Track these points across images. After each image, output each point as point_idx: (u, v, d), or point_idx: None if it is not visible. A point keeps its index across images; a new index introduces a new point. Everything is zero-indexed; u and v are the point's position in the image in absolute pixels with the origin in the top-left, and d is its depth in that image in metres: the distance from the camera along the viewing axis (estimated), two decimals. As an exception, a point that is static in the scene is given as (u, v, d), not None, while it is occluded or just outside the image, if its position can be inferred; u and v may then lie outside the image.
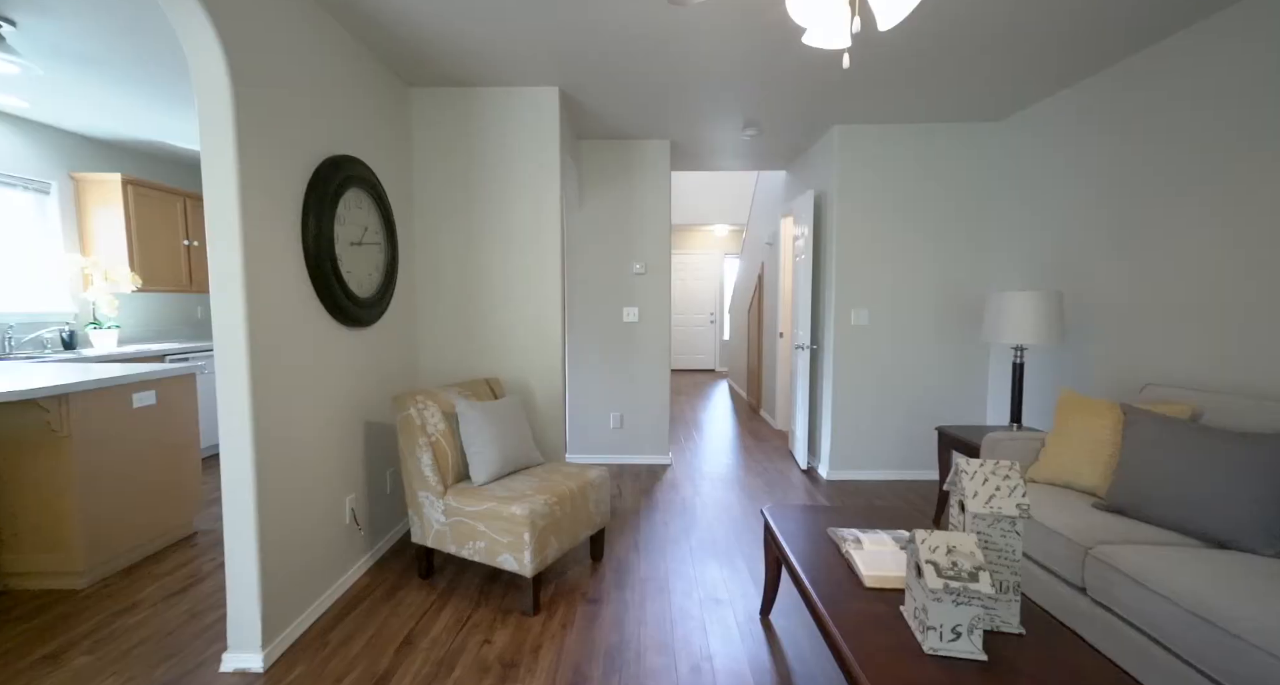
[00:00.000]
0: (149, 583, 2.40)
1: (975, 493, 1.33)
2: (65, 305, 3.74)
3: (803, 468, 4.10)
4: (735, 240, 9.71)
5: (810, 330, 4.07)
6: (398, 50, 2.55)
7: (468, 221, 3.02)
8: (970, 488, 1.34)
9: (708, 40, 2.47)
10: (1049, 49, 2.57)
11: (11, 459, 2.31)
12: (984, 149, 3.67)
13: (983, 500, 1.32)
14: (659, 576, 2.49)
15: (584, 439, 4.19)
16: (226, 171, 1.72)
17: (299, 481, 2.05)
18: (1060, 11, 2.25)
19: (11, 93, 3.11)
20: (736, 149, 4.26)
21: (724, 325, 9.84)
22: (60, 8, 2.22)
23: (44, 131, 3.64)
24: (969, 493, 1.34)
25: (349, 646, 1.97)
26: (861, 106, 3.32)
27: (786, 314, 5.21)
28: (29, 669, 1.86)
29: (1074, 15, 2.28)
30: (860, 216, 3.74)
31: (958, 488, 1.39)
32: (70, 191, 3.77)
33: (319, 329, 2.16)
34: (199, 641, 1.99)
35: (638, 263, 4.07)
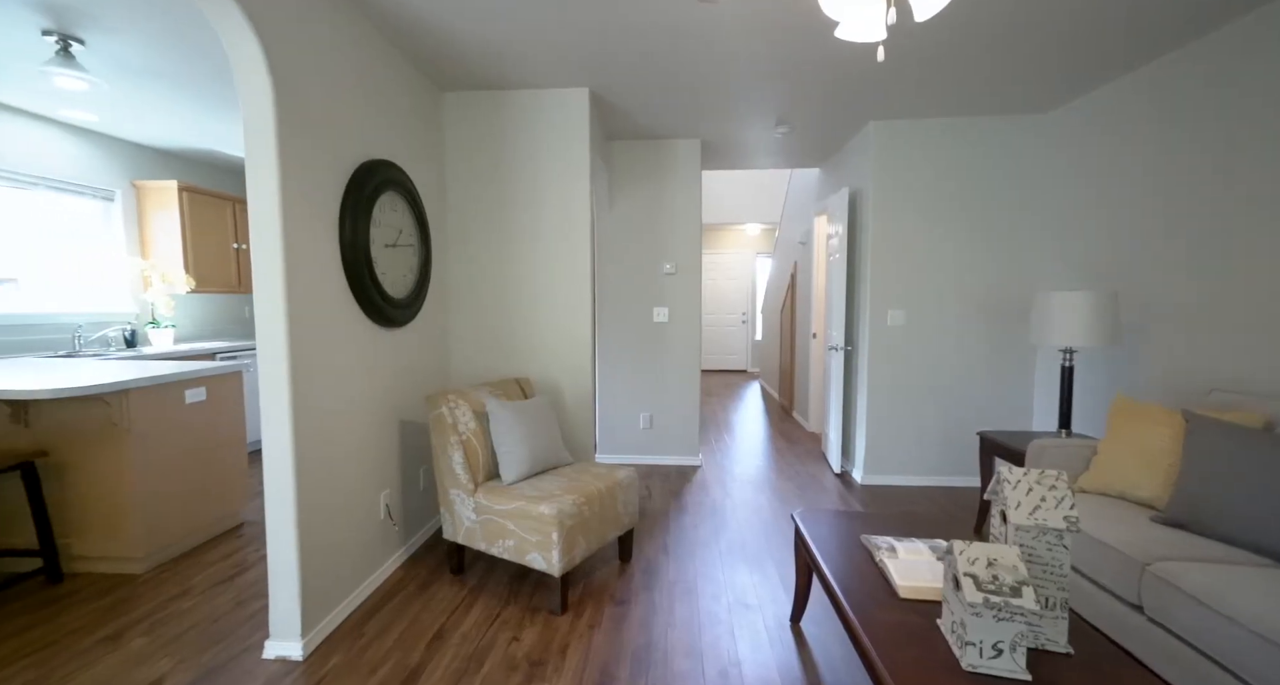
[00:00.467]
0: (199, 571, 2.51)
1: (1018, 503, 1.27)
2: (127, 306, 3.97)
3: (836, 472, 4.00)
4: (768, 239, 9.58)
5: (844, 331, 3.97)
6: (432, 56, 2.60)
7: (499, 223, 3.07)
8: (1013, 498, 1.28)
9: (738, 37, 2.43)
10: (1106, 33, 2.43)
11: (79, 451, 2.45)
12: (1028, 142, 3.51)
13: (1026, 511, 1.26)
14: (687, 579, 2.47)
15: (614, 439, 4.19)
16: (269, 177, 1.79)
17: (336, 477, 2.11)
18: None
19: (81, 107, 3.31)
20: (768, 147, 4.20)
21: (756, 325, 9.71)
22: (124, 26, 2.35)
23: (109, 142, 3.86)
24: (1011, 503, 1.27)
25: (383, 639, 2.01)
26: (898, 101, 3.22)
27: (820, 314, 5.10)
28: (92, 648, 1.97)
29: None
30: (897, 214, 3.63)
31: (999, 497, 1.32)
32: (132, 198, 4.00)
33: (355, 329, 2.22)
34: (244, 628, 2.08)
35: (668, 263, 4.05)
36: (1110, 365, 3.00)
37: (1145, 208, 2.76)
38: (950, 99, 3.19)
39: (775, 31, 2.38)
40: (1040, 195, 3.53)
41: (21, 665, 1.89)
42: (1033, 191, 3.54)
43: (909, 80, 2.91)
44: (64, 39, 2.45)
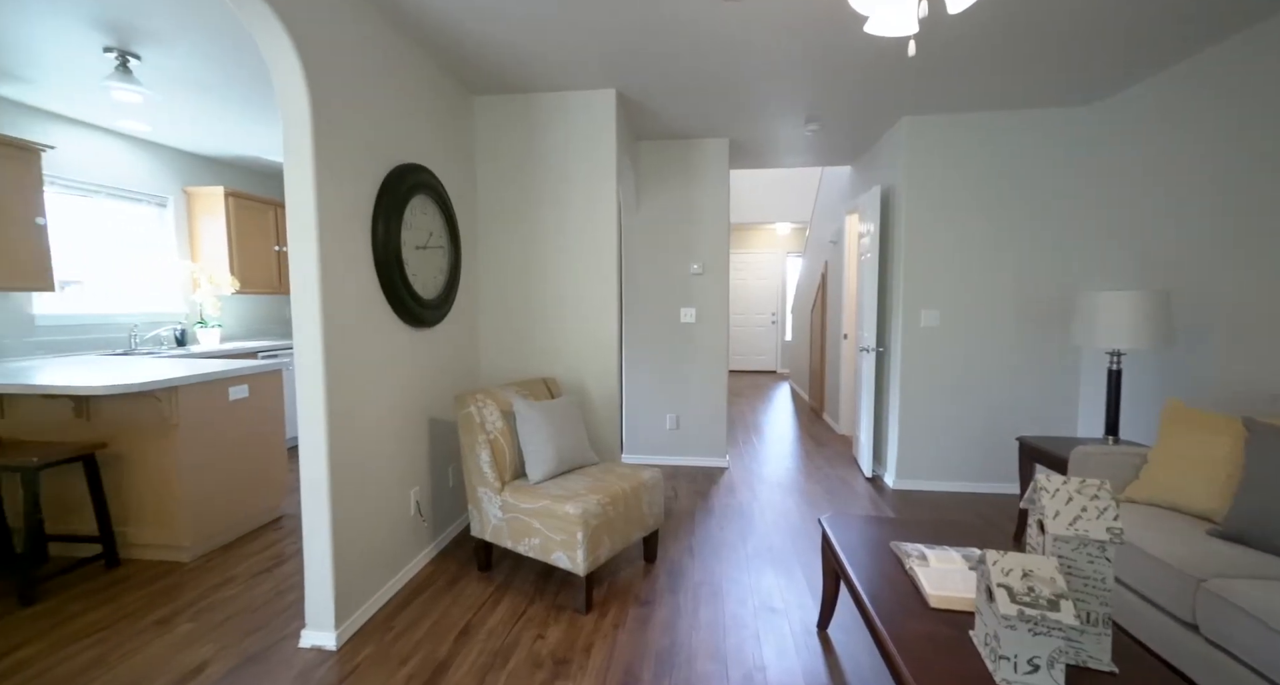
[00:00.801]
0: (241, 561, 2.62)
1: (1057, 513, 1.21)
2: (178, 306, 4.17)
3: (867, 476, 3.91)
4: (798, 239, 9.43)
5: (876, 332, 3.88)
6: (463, 61, 2.65)
7: (527, 224, 3.10)
8: (1051, 507, 1.22)
9: (766, 34, 2.40)
10: (1164, 15, 2.29)
11: (133, 444, 2.59)
12: (1070, 136, 3.36)
13: (1066, 521, 1.20)
14: (713, 581, 2.45)
15: (640, 439, 4.20)
16: (305, 183, 1.85)
17: (368, 473, 2.17)
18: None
19: (137, 119, 3.49)
20: (798, 145, 4.13)
21: (786, 326, 9.58)
22: (177, 41, 2.47)
23: (162, 151, 4.06)
24: (1049, 512, 1.22)
25: (412, 632, 2.06)
26: (932, 96, 3.13)
27: (851, 315, 5.00)
28: (145, 631, 2.08)
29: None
30: (931, 212, 3.53)
31: (1036, 506, 1.27)
32: (183, 204, 4.19)
33: (386, 329, 2.28)
34: (281, 618, 2.15)
35: (695, 263, 4.03)
36: (1162, 369, 2.84)
37: (1204, 202, 2.61)
38: (991, 91, 3.08)
39: (804, 26, 2.34)
40: (1086, 190, 3.38)
41: (85, 643, 2.00)
42: (1077, 187, 3.39)
43: (947, 72, 2.82)
44: (123, 55, 2.58)
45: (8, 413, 2.65)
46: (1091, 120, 3.32)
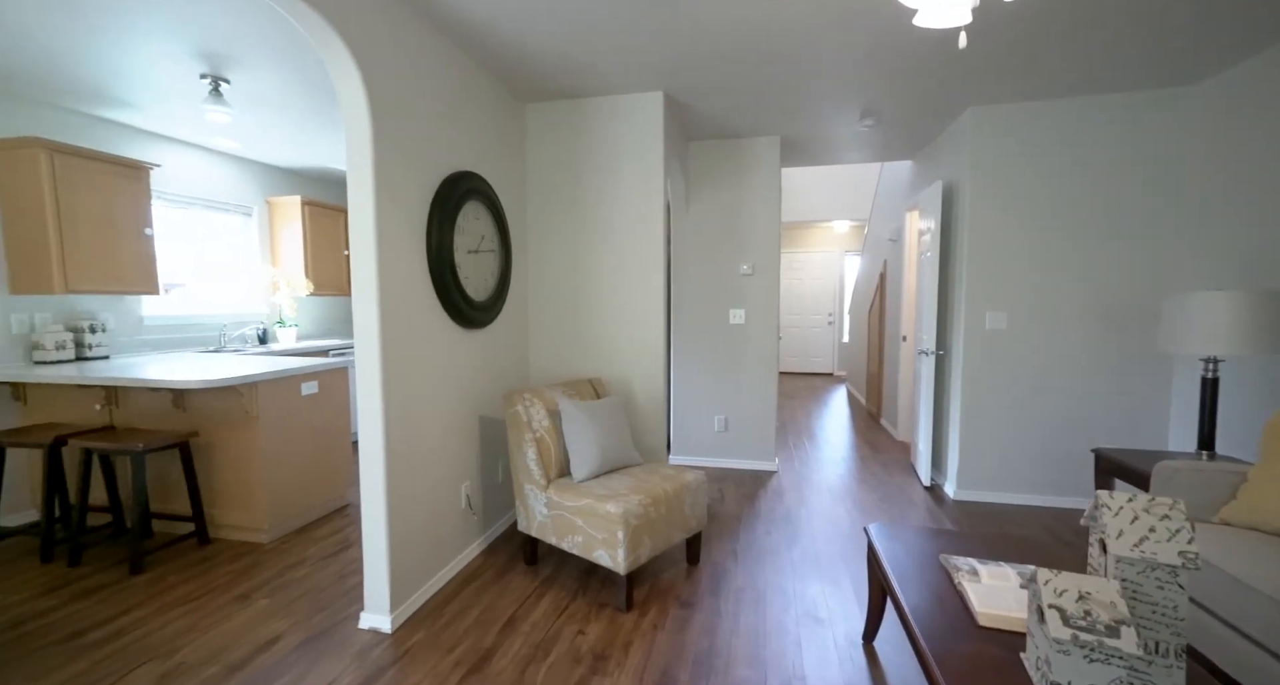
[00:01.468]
0: (311, 545, 2.82)
1: (1120, 532, 1.12)
2: (260, 307, 4.53)
3: (925, 485, 3.74)
4: (856, 237, 9.12)
5: (936, 334, 3.70)
6: (513, 71, 2.74)
7: (576, 227, 3.17)
8: (1114, 526, 1.14)
9: (816, 28, 2.35)
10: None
11: (220, 434, 2.84)
12: (1163, 121, 3.08)
13: (1130, 542, 1.11)
14: (756, 587, 2.41)
15: (688, 440, 4.19)
16: (365, 192, 1.97)
17: (422, 468, 2.29)
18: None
19: (228, 137, 3.82)
20: (853, 141, 4.00)
21: (843, 327, 9.28)
22: (261, 66, 2.69)
23: (249, 165, 4.43)
24: (1111, 532, 1.13)
25: (460, 620, 2.15)
26: (1000, 83, 2.95)
27: (910, 316, 4.79)
28: (227, 604, 2.28)
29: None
30: (998, 207, 3.33)
31: (1097, 524, 1.18)
32: (265, 213, 4.56)
33: (439, 330, 2.40)
34: (344, 599, 2.31)
35: (745, 264, 3.98)
36: (1269, 378, 2.56)
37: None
38: (1066, 77, 2.87)
39: (857, 17, 2.27)
40: (1176, 182, 3.09)
41: (180, 611, 2.23)
42: (1166, 178, 3.10)
43: (1016, 58, 2.66)
44: (215, 80, 2.84)
45: (121, 403, 2.97)
46: (1189, 103, 3.03)
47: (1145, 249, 3.16)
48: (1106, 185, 3.18)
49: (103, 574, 2.55)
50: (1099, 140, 3.17)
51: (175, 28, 2.32)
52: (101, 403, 2.96)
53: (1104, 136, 3.16)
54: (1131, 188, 3.15)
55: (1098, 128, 3.17)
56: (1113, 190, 3.18)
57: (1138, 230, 3.16)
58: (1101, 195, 3.19)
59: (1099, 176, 3.19)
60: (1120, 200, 3.17)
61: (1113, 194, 3.18)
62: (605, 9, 2.18)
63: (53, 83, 2.89)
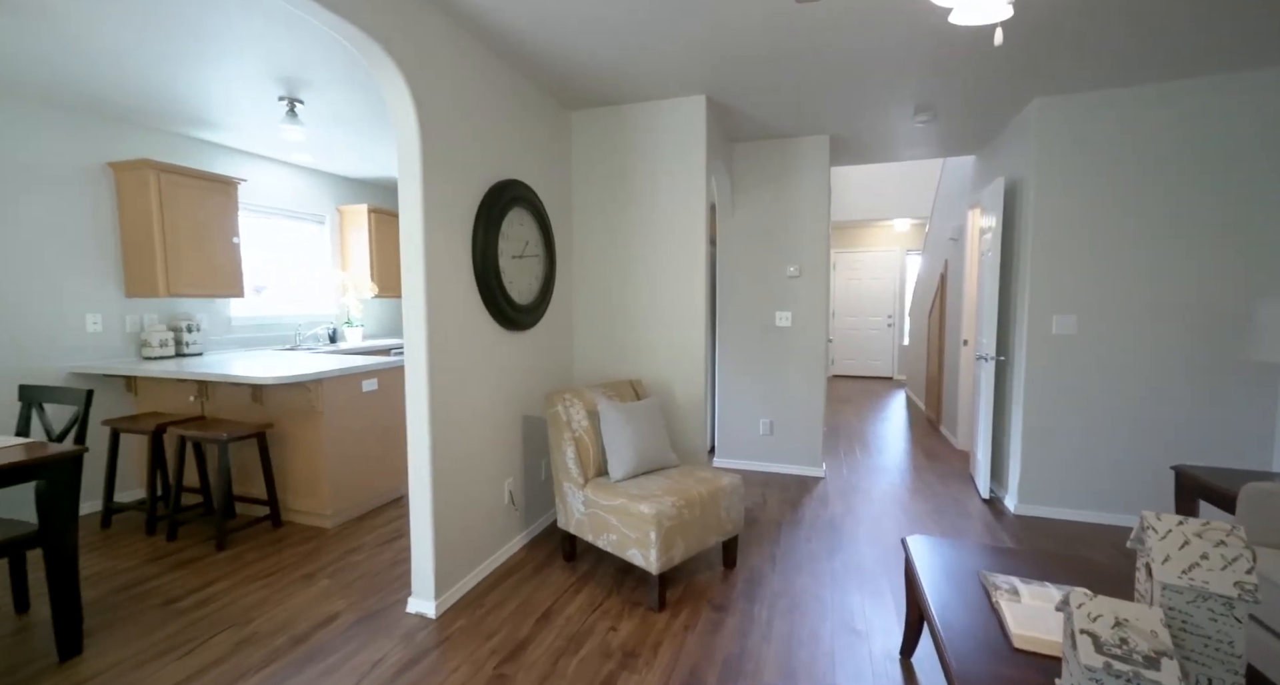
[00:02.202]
0: (369, 532, 3.02)
1: (1166, 557, 1.05)
2: (331, 309, 4.88)
3: (983, 497, 3.55)
4: (918, 235, 8.72)
5: (996, 338, 3.50)
6: (558, 80, 2.83)
7: (619, 231, 3.22)
8: (1159, 550, 1.06)
9: (861, 25, 2.29)
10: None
11: (291, 426, 3.10)
12: (1247, 108, 2.78)
13: (1178, 568, 1.04)
14: (792, 594, 2.38)
15: (732, 443, 4.16)
16: (414, 201, 2.11)
17: (466, 464, 2.41)
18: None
19: (302, 151, 4.15)
20: (909, 137, 3.85)
21: (903, 329, 8.90)
22: (329, 87, 2.91)
23: (322, 177, 4.78)
24: (1157, 556, 1.06)
25: (500, 611, 2.26)
26: (1068, 72, 2.76)
27: (971, 319, 4.55)
28: (294, 583, 2.49)
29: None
30: (1066, 204, 3.12)
31: (1144, 548, 1.10)
32: (336, 221, 4.90)
33: (484, 332, 2.51)
34: (395, 584, 2.46)
35: (792, 265, 3.91)
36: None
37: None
38: (1146, 60, 2.65)
39: (904, 10, 2.20)
40: (1270, 176, 2.78)
41: (255, 586, 2.46)
42: (1259, 171, 2.80)
43: (1087, 43, 2.48)
44: (291, 101, 3.10)
45: (211, 396, 3.29)
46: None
47: (1233, 246, 2.87)
48: (1192, 178, 2.91)
49: (194, 548, 2.84)
50: (1183, 129, 2.91)
51: (257, 57, 2.55)
52: (195, 395, 3.30)
53: (1189, 125, 2.90)
54: (1215, 179, 2.87)
55: (1181, 115, 2.90)
56: (1200, 183, 2.90)
57: (1225, 226, 2.87)
58: (1184, 188, 2.92)
59: (1183, 168, 2.92)
60: (1204, 194, 2.89)
61: (1196, 187, 2.90)
62: (645, 17, 2.21)
63: (158, 109, 3.24)
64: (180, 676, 1.88)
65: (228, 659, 1.96)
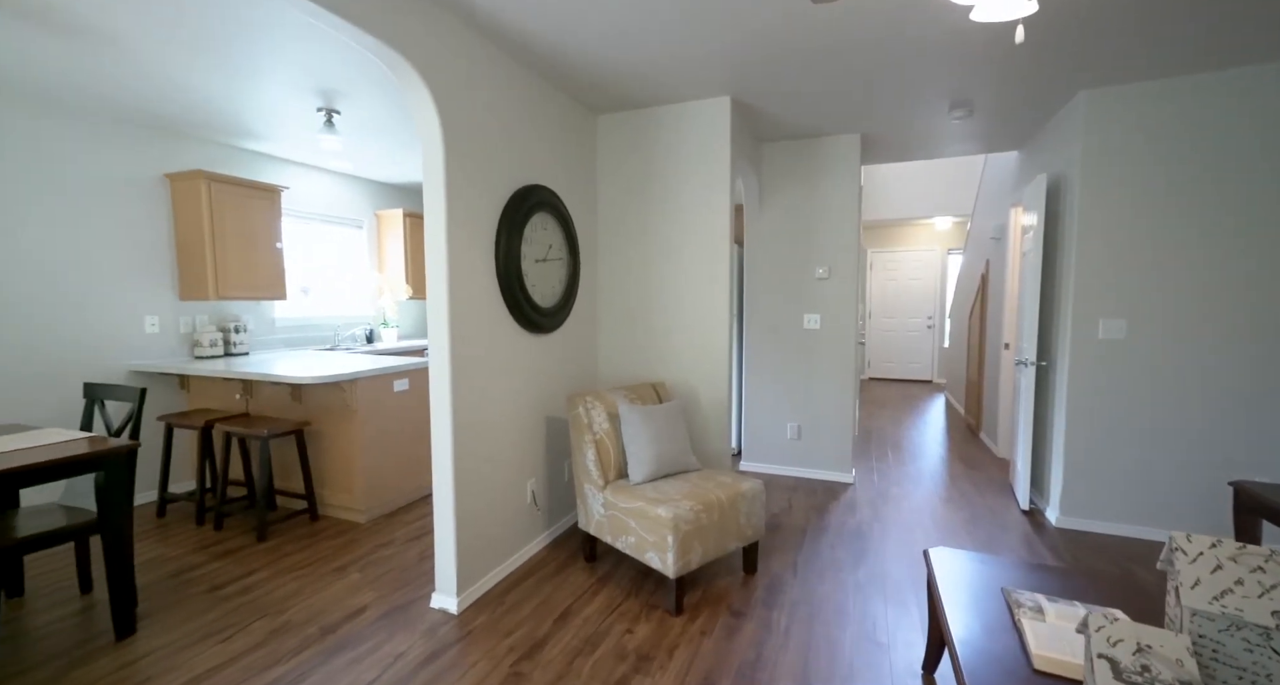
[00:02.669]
0: (399, 528, 3.12)
1: (1196, 581, 0.99)
2: (368, 310, 5.06)
3: (1023, 508, 3.40)
4: (959, 234, 8.42)
5: (1036, 342, 3.35)
6: (583, 86, 2.86)
7: (644, 234, 3.23)
8: (1189, 574, 1.00)
9: (889, 22, 2.23)
10: None
11: (328, 424, 3.23)
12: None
13: (1209, 593, 0.97)
14: (812, 602, 2.34)
15: (759, 447, 4.12)
16: (438, 207, 2.17)
17: (488, 464, 2.46)
18: None
19: (341, 159, 4.32)
20: (946, 134, 3.72)
21: (944, 331, 8.60)
22: (364, 97, 3.02)
23: (361, 183, 4.97)
24: (1186, 580, 1.00)
25: (520, 609, 2.30)
26: (1118, 62, 2.62)
27: (1012, 322, 4.36)
28: (327, 575, 2.60)
29: None
30: (1114, 201, 2.96)
31: (1173, 570, 1.04)
32: (374, 225, 5.08)
33: (506, 334, 2.56)
34: (421, 579, 2.54)
35: (821, 267, 3.84)
36: None
37: None
38: (1210, 46, 2.49)
39: (927, 4, 2.13)
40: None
41: (291, 576, 2.57)
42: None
43: (1141, 29, 2.35)
44: (328, 112, 3.23)
45: (255, 394, 3.46)
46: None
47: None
48: (1253, 171, 2.72)
49: (238, 538, 2.99)
50: (1246, 119, 2.72)
51: (296, 71, 2.67)
52: (240, 393, 3.48)
53: (1253, 115, 2.71)
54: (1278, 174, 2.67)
55: (1243, 105, 2.71)
56: (1259, 177, 2.71)
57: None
58: (1245, 183, 2.73)
59: (1243, 160, 2.73)
60: (1268, 189, 2.70)
61: (1259, 181, 2.71)
62: (668, 23, 2.22)
63: (210, 123, 3.43)
64: (220, 660, 1.99)
65: (264, 645, 2.06)
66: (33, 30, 2.29)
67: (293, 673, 1.91)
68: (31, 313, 3.04)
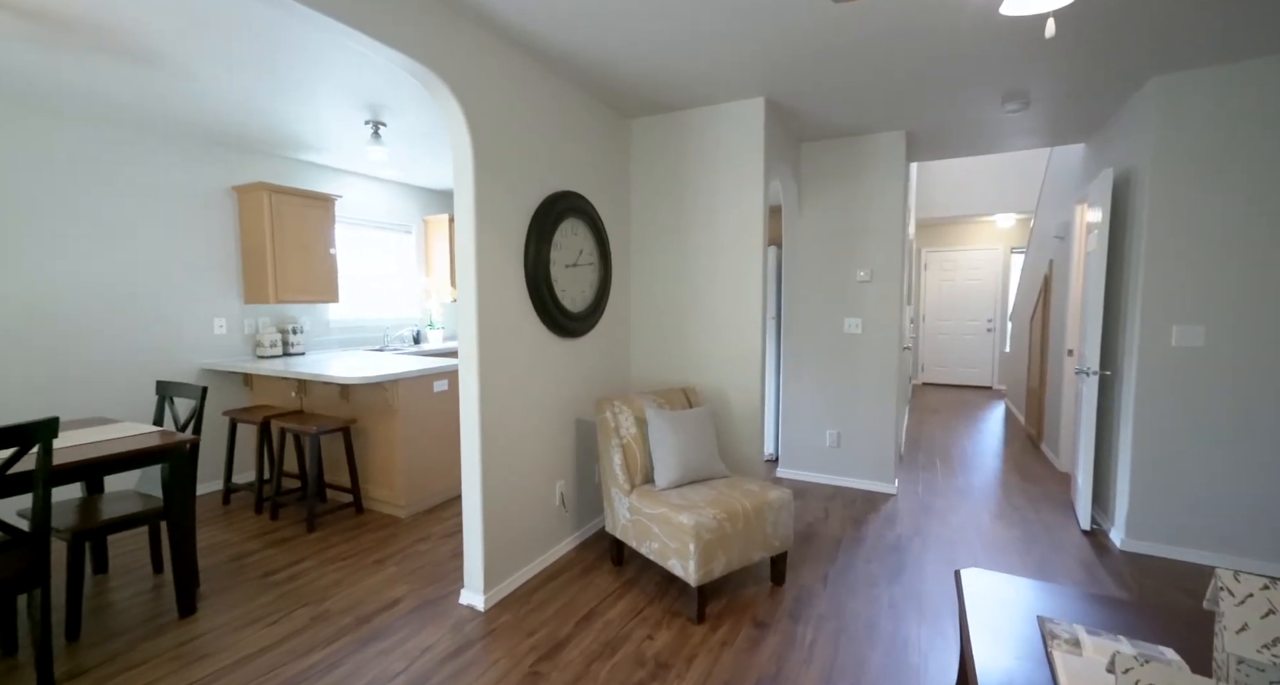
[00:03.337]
0: (436, 524, 3.24)
1: (1243, 626, 0.89)
2: (416, 312, 5.27)
3: (1084, 528, 3.16)
4: (1023, 232, 7.93)
5: (1100, 349, 3.11)
6: (616, 92, 2.87)
7: (677, 238, 3.22)
8: (1235, 617, 0.90)
9: (920, 17, 2.13)
10: None
11: (371, 422, 3.39)
12: None
13: (1257, 641, 0.87)
14: (841, 617, 2.27)
15: (796, 454, 4.02)
16: (467, 214, 2.23)
17: (517, 466, 2.51)
18: None
19: (389, 167, 4.52)
20: (998, 129, 3.51)
21: (1005, 334, 8.12)
22: (407, 108, 3.15)
23: (409, 190, 5.18)
24: (1231, 624, 0.90)
25: (544, 609, 2.33)
26: (1194, 43, 2.40)
27: (1076, 325, 4.07)
28: (368, 566, 2.73)
29: None
30: (1191, 197, 2.71)
31: (1219, 612, 0.94)
32: (421, 230, 5.29)
33: (536, 338, 2.60)
34: (452, 575, 2.62)
35: (862, 270, 3.70)
36: None
37: None
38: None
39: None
40: None
41: (334, 566, 2.72)
42: None
43: (1223, 4, 2.15)
44: (375, 124, 3.39)
45: (308, 392, 3.68)
46: None
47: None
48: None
49: (290, 528, 3.19)
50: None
51: (346, 88, 2.82)
52: (295, 391, 3.70)
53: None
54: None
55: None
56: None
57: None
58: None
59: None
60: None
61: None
62: (702, 29, 2.20)
63: (270, 137, 3.67)
64: (266, 642, 2.12)
65: (304, 631, 2.19)
66: (125, 65, 2.53)
67: (327, 660, 2.01)
68: (116, 316, 3.34)
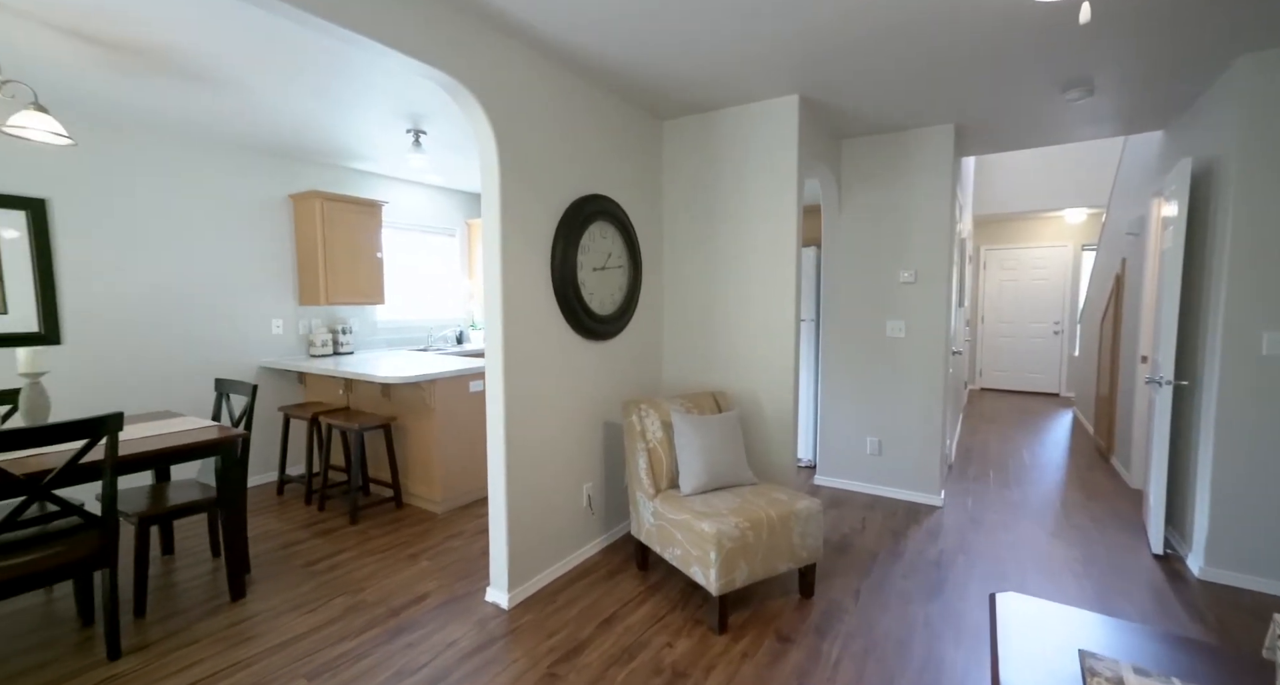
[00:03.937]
0: (469, 521, 3.31)
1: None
2: (459, 313, 5.43)
3: (1155, 552, 2.89)
4: (1095, 228, 7.37)
5: (1176, 357, 2.84)
6: (647, 94, 2.85)
7: (709, 240, 3.16)
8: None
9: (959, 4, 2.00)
10: None
11: (410, 420, 3.51)
12: None
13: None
14: (872, 635, 2.16)
15: (835, 461, 3.88)
16: (494, 218, 2.27)
17: (543, 467, 2.53)
18: None
19: (432, 173, 4.67)
20: (1059, 118, 3.26)
21: (1074, 337, 7.57)
22: (445, 116, 3.24)
23: (453, 195, 5.34)
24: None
25: (567, 610, 2.34)
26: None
27: (1150, 331, 3.74)
28: (402, 560, 2.82)
29: None
30: None
31: (1277, 655, 0.83)
32: (465, 233, 5.44)
33: (562, 341, 2.62)
34: (481, 572, 2.67)
35: (906, 271, 3.53)
36: None
37: None
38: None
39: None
40: None
41: (372, 558, 2.83)
42: None
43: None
44: (416, 133, 3.51)
45: (354, 390, 3.85)
46: None
47: None
48: None
49: (335, 519, 3.34)
50: None
51: (389, 100, 2.94)
52: (343, 389, 3.88)
53: None
54: None
55: None
56: None
57: None
58: None
59: None
60: None
61: None
62: (733, 29, 2.15)
63: (323, 148, 3.87)
64: (303, 629, 2.22)
65: (338, 620, 2.28)
66: (199, 90, 2.74)
67: (357, 650, 2.09)
68: (182, 317, 3.60)
